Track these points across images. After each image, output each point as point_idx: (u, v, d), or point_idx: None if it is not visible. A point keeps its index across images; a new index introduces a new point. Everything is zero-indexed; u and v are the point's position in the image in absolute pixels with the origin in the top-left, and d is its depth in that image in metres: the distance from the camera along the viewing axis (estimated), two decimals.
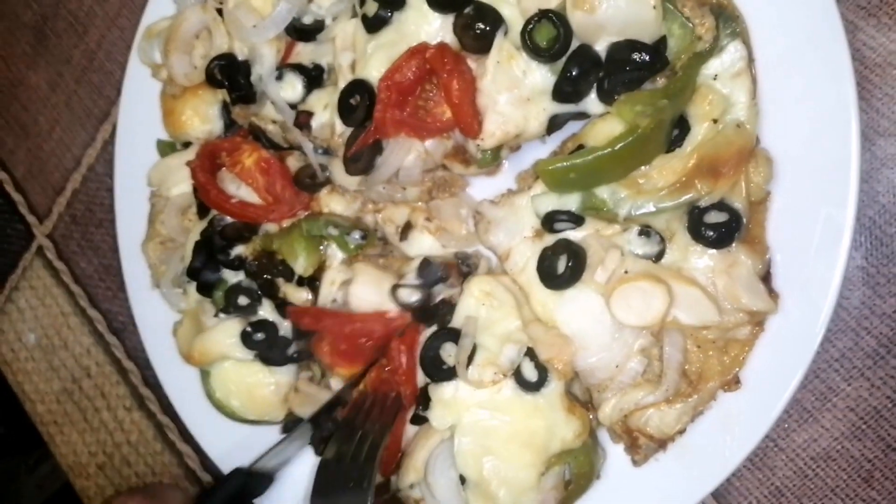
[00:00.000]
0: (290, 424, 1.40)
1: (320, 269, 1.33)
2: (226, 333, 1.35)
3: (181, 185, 1.47)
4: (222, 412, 1.43)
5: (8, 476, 4.56)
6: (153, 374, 1.64)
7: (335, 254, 1.33)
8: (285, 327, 1.35)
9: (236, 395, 1.40)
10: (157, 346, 1.57)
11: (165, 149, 1.54)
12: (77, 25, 1.92)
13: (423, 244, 1.32)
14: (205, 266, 1.37)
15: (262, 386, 1.38)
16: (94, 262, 1.91)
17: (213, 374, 1.41)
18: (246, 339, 1.34)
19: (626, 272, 1.05)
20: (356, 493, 1.11)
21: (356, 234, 1.28)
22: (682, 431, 1.09)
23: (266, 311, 1.36)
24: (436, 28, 1.15)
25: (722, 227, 1.03)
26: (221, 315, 1.37)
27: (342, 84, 1.23)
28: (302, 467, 1.39)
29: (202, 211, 1.42)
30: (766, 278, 1.05)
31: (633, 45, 1.03)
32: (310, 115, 1.28)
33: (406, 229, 1.31)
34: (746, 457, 1.09)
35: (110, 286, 1.89)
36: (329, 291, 1.31)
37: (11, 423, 4.51)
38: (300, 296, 1.34)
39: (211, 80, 1.35)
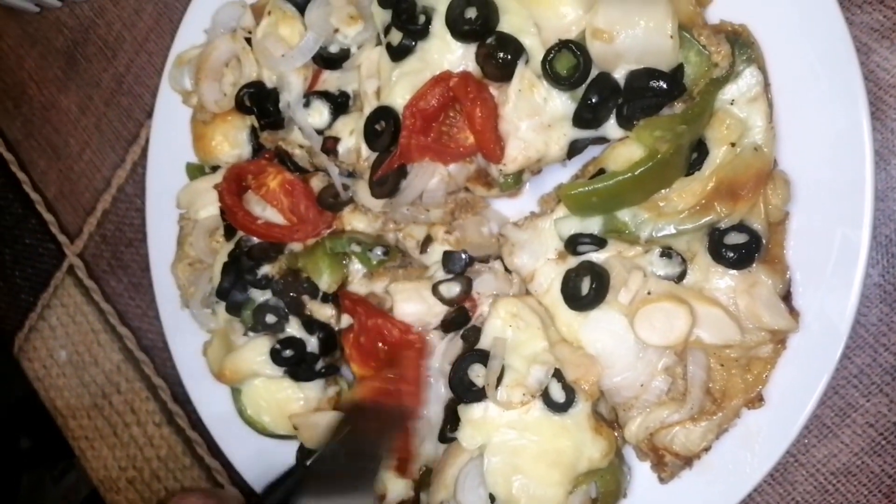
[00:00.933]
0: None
1: (343, 285, 1.37)
2: (255, 351, 1.39)
3: (209, 208, 1.51)
4: (254, 428, 1.47)
5: (35, 486, 4.64)
6: (182, 390, 1.68)
7: (357, 269, 1.37)
8: (312, 344, 1.39)
9: (267, 411, 1.44)
10: (188, 364, 1.61)
11: (194, 172, 1.58)
12: (106, 50, 1.98)
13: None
14: (233, 286, 1.41)
15: (292, 401, 1.42)
16: (124, 280, 1.96)
17: (244, 392, 1.45)
18: (275, 356, 1.38)
19: (648, 293, 1.08)
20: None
21: (378, 251, 1.33)
22: (707, 449, 1.11)
23: (293, 328, 1.40)
24: (458, 57, 1.18)
25: (742, 248, 1.06)
26: (250, 334, 1.42)
27: (368, 110, 1.26)
28: None
29: (229, 232, 1.46)
30: (786, 297, 1.08)
31: (650, 72, 1.06)
32: (336, 140, 1.32)
33: (426, 242, 1.34)
34: (768, 473, 1.11)
35: (140, 304, 1.93)
36: None
37: (38, 435, 4.59)
38: (325, 312, 1.38)
39: (241, 107, 1.39)
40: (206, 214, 1.52)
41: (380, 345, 1.29)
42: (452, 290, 1.25)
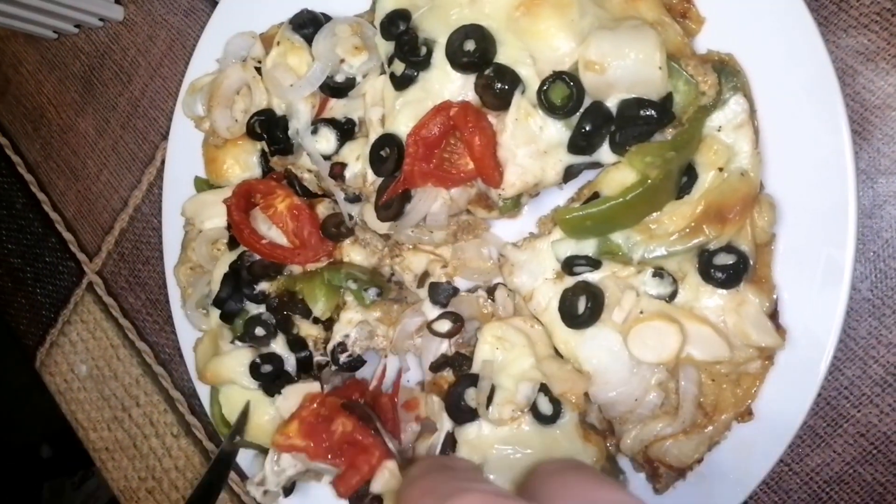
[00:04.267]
0: None
1: (338, 309, 1.44)
2: (237, 361, 1.46)
3: (214, 220, 1.57)
4: (219, 430, 1.54)
5: (56, 493, 4.73)
6: (199, 402, 1.74)
7: (352, 298, 1.43)
8: (291, 363, 1.45)
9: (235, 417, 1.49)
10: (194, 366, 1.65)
11: (201, 185, 1.64)
12: (122, 75, 2.04)
13: None
14: (230, 297, 1.48)
15: (262, 414, 1.48)
16: (142, 297, 2.02)
17: (221, 392, 1.52)
18: (254, 369, 1.44)
19: (641, 312, 1.13)
20: None
21: (372, 292, 1.40)
22: (699, 461, 1.15)
23: (278, 344, 1.46)
24: (458, 86, 1.24)
25: (730, 269, 1.10)
26: (237, 342, 1.48)
27: (373, 137, 1.32)
28: None
29: (232, 244, 1.52)
30: (773, 315, 1.12)
31: (641, 102, 1.10)
32: (343, 165, 1.38)
33: (424, 277, 1.40)
34: (761, 482, 1.15)
35: (157, 320, 2.00)
36: (344, 328, 1.42)
37: (59, 444, 4.68)
38: (313, 332, 1.45)
39: (251, 133, 1.45)
40: (210, 225, 1.57)
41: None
42: (444, 326, 1.32)
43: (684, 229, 1.11)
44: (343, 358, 1.41)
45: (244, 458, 1.61)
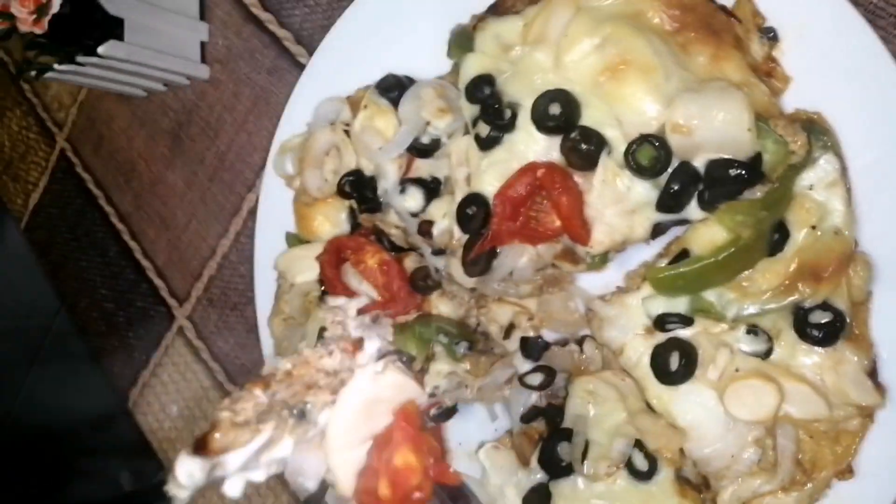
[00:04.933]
0: None
1: (428, 359, 1.47)
2: None
3: (305, 274, 1.63)
4: None
5: None
6: None
7: (441, 349, 1.47)
8: None
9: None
10: None
11: (292, 240, 1.71)
12: (209, 130, 2.15)
13: None
14: None
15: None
16: (231, 341, 2.11)
17: None
18: None
19: (737, 370, 1.13)
20: None
21: (463, 346, 1.44)
22: None
23: None
24: (543, 147, 1.27)
25: (827, 327, 1.10)
26: None
27: (459, 196, 1.36)
28: None
29: (324, 298, 1.58)
30: (872, 373, 1.12)
31: (730, 162, 1.12)
32: (431, 223, 1.42)
33: (510, 329, 1.44)
34: None
35: (245, 363, 2.08)
36: (433, 380, 1.45)
37: (140, 481, 4.82)
38: None
39: (342, 193, 1.52)
40: (302, 279, 1.64)
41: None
42: (536, 379, 1.36)
43: (778, 287, 1.12)
44: (433, 411, 1.45)
45: None
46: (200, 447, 1.10)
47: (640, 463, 1.20)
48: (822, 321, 1.10)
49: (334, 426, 1.20)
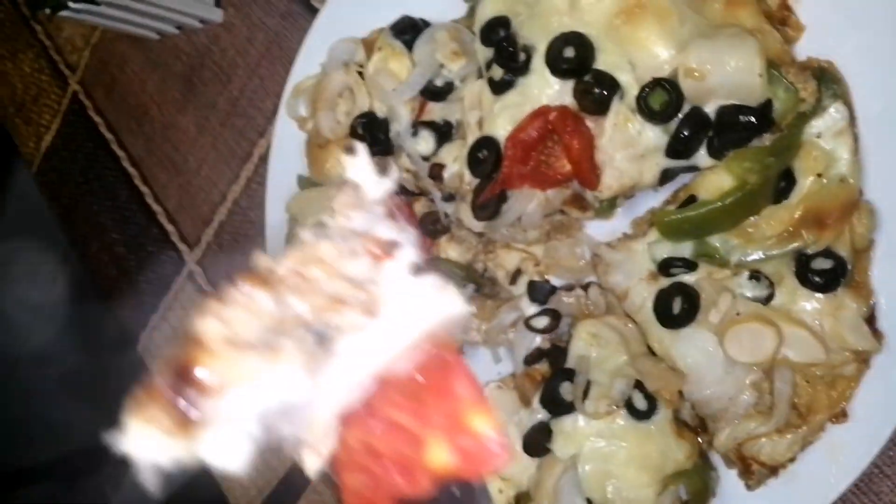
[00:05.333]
0: None
1: None
2: None
3: (316, 216, 1.65)
4: None
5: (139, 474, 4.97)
6: None
7: None
8: None
9: None
10: None
11: (304, 183, 1.73)
12: (221, 75, 2.16)
13: None
14: None
15: None
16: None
17: None
18: None
19: (737, 314, 1.16)
20: None
21: (469, 288, 1.47)
22: (792, 459, 1.18)
23: None
24: (556, 91, 1.28)
25: (828, 274, 1.12)
26: None
27: (471, 140, 1.37)
28: None
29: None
30: (870, 320, 1.14)
31: (740, 108, 1.13)
32: (441, 167, 1.44)
33: (516, 275, 1.46)
34: (852, 483, 1.17)
35: None
36: None
37: None
38: None
39: (354, 135, 1.53)
40: (313, 221, 1.65)
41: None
42: (542, 322, 1.38)
43: (782, 233, 1.13)
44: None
45: None
46: (177, 382, 0.69)
47: (640, 403, 1.22)
48: (824, 268, 1.12)
49: (356, 354, 0.92)
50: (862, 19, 1.14)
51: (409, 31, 1.49)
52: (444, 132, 1.45)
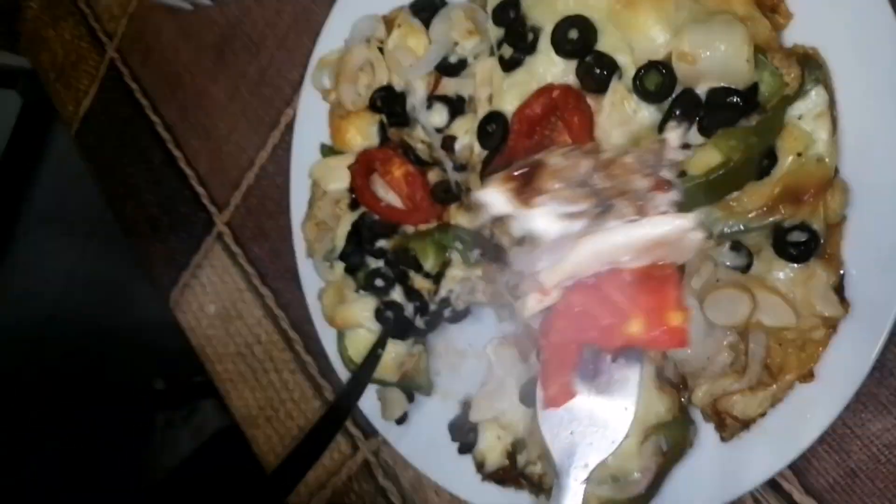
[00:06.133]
0: None
1: (444, 265, 1.62)
2: (363, 307, 1.66)
3: (337, 182, 1.77)
4: (348, 368, 1.74)
5: (167, 424, 5.22)
6: (313, 342, 1.97)
7: (457, 256, 1.61)
8: (409, 310, 1.64)
9: (362, 356, 1.70)
10: (322, 320, 1.87)
11: (326, 151, 1.84)
12: (251, 46, 2.27)
13: None
14: (353, 252, 1.68)
15: (385, 353, 1.68)
16: (265, 247, 2.27)
17: (347, 336, 1.73)
18: (378, 315, 1.64)
19: (717, 280, 1.26)
20: None
21: (476, 252, 1.57)
22: (763, 415, 1.29)
23: (397, 293, 1.65)
24: (560, 70, 1.37)
25: (802, 246, 1.21)
26: (361, 292, 1.68)
27: (481, 114, 1.48)
28: None
29: (353, 205, 1.72)
30: (839, 289, 1.23)
31: (728, 91, 1.21)
32: (453, 138, 1.55)
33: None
34: (819, 443, 1.28)
35: (278, 268, 2.24)
36: (449, 284, 1.62)
37: (170, 381, 5.13)
38: (426, 285, 1.63)
39: (373, 107, 1.64)
40: (334, 187, 1.77)
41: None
42: None
43: (762, 208, 1.22)
44: (447, 313, 1.60)
45: None
46: (526, 176, 1.09)
47: None
48: (799, 240, 1.21)
49: (617, 238, 1.17)
50: (846, 9, 1.22)
51: (427, 9, 1.59)
52: (456, 106, 1.56)
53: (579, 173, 1.14)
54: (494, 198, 1.07)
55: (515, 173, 1.12)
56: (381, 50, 1.63)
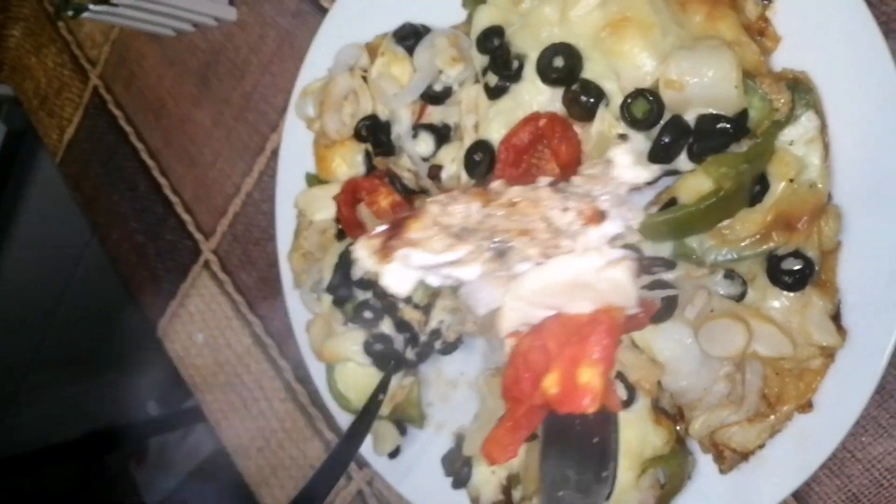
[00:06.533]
0: None
1: (433, 296, 1.59)
2: (352, 341, 1.62)
3: (323, 212, 1.74)
4: (338, 402, 1.71)
5: (162, 448, 5.17)
6: (303, 371, 1.93)
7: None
8: (399, 342, 1.61)
9: (352, 389, 1.68)
10: (310, 349, 1.85)
11: (312, 180, 1.82)
12: (235, 71, 2.24)
13: None
14: (341, 284, 1.65)
15: (374, 386, 1.63)
16: (253, 275, 2.24)
17: (336, 370, 1.70)
18: (367, 348, 1.61)
19: (712, 310, 1.23)
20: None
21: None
22: (761, 446, 1.26)
23: (386, 325, 1.62)
24: (546, 98, 1.35)
25: (797, 274, 1.19)
26: (349, 324, 1.64)
27: (467, 142, 1.45)
28: None
29: (340, 235, 1.70)
30: (836, 317, 1.21)
31: (717, 117, 1.20)
32: (440, 168, 1.52)
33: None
34: (820, 468, 1.25)
35: (266, 296, 2.21)
36: (439, 315, 1.59)
37: (166, 404, 5.09)
38: (415, 315, 1.60)
39: (358, 136, 1.62)
40: (320, 217, 1.75)
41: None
42: None
43: (755, 235, 1.20)
44: (438, 345, 1.57)
45: None
46: (395, 228, 1.02)
47: (621, 392, 1.30)
48: (793, 268, 1.19)
49: (532, 282, 1.07)
50: (835, 31, 1.20)
51: (410, 36, 1.57)
52: (442, 134, 1.54)
53: (460, 219, 1.04)
54: (361, 254, 1.02)
55: (379, 230, 1.05)
56: (364, 79, 1.61)
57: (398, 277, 1.03)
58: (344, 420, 1.80)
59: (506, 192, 1.10)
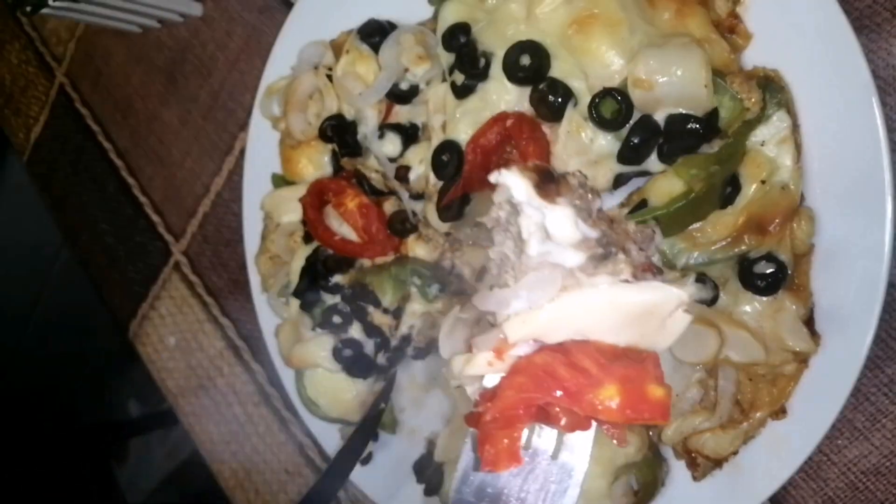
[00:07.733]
0: None
1: (404, 300, 1.56)
2: (320, 346, 1.59)
3: (290, 214, 1.70)
4: (308, 408, 1.68)
5: (143, 448, 5.13)
6: (276, 374, 1.90)
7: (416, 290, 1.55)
8: (369, 347, 1.58)
9: (323, 396, 1.65)
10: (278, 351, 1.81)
11: (278, 181, 1.77)
12: (202, 69, 2.18)
13: None
14: (308, 288, 1.61)
15: (345, 391, 1.62)
16: (224, 276, 2.19)
17: (305, 376, 1.67)
18: (336, 353, 1.57)
19: None
20: None
21: (435, 288, 1.52)
22: (735, 453, 1.24)
23: (355, 330, 1.58)
24: (514, 98, 1.31)
25: (769, 277, 1.16)
26: (318, 329, 1.60)
27: (435, 142, 1.41)
28: None
29: (307, 238, 1.66)
30: (809, 321, 1.18)
31: (687, 117, 1.16)
32: (407, 168, 1.48)
33: (481, 272, 1.50)
34: (795, 473, 1.23)
35: (238, 298, 2.16)
36: (409, 319, 1.55)
37: (145, 404, 5.05)
38: (385, 320, 1.57)
39: (323, 136, 1.57)
40: (287, 220, 1.71)
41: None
42: None
43: (726, 238, 1.18)
44: (409, 350, 1.54)
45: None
46: (548, 179, 0.96)
47: None
48: (766, 272, 1.16)
49: (601, 297, 0.99)
50: (807, 27, 1.17)
51: (376, 34, 1.52)
52: (410, 134, 1.49)
53: (591, 206, 0.99)
54: (515, 181, 0.94)
55: (539, 167, 0.98)
56: (329, 77, 1.56)
57: (560, 220, 0.94)
58: (316, 426, 1.77)
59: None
